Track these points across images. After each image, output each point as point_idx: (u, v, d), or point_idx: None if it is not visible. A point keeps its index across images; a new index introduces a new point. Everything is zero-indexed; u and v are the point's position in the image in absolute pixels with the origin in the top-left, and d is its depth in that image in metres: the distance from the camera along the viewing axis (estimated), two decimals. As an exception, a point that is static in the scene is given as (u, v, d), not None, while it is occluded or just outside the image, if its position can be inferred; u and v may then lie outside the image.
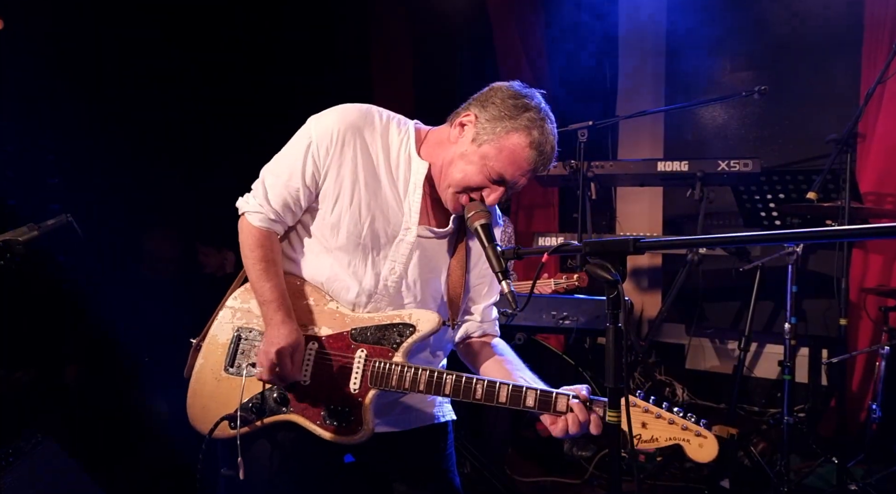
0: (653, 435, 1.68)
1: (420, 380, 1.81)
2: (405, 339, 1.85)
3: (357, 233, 1.86)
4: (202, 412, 1.92)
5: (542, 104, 1.83)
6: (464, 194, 1.84)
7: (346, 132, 1.84)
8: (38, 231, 1.57)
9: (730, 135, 5.15)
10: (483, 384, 1.78)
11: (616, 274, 1.45)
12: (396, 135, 1.91)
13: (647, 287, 5.48)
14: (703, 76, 5.22)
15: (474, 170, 1.80)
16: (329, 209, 1.87)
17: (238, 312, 1.97)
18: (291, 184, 1.86)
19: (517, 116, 1.78)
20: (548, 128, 1.80)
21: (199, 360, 1.97)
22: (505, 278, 1.72)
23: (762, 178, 3.99)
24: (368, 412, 1.82)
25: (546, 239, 4.39)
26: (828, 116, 4.54)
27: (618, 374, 1.48)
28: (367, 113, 1.90)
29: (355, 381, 1.84)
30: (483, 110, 1.81)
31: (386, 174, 1.89)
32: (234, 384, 1.89)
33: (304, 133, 1.87)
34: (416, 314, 1.88)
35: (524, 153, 1.78)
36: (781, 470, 3.38)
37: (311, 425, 1.84)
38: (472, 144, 1.81)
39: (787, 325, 3.55)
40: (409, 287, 1.92)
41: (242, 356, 1.92)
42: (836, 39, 4.59)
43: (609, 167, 4.15)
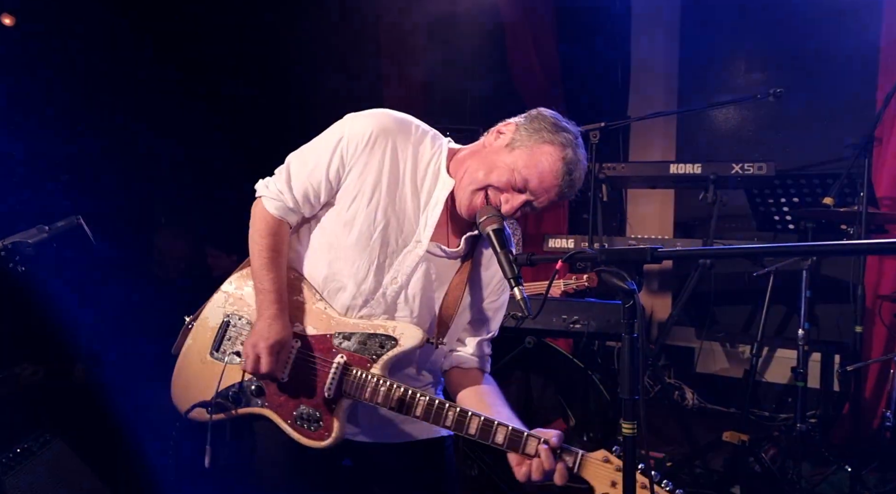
0: None
1: (393, 397, 1.78)
2: (385, 351, 1.82)
3: (368, 234, 1.83)
4: (183, 392, 1.95)
5: (580, 137, 1.85)
6: (481, 193, 1.81)
7: (378, 135, 1.83)
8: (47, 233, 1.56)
9: (744, 137, 5.10)
10: (455, 411, 1.75)
11: (632, 283, 1.43)
12: (429, 148, 1.89)
13: (658, 290, 5.44)
14: (717, 78, 5.18)
15: (501, 171, 1.79)
16: (346, 206, 1.85)
17: (231, 297, 1.97)
18: (315, 175, 1.84)
19: (556, 132, 1.80)
20: (580, 155, 1.81)
21: (188, 340, 1.99)
22: (517, 285, 1.69)
23: (776, 181, 3.94)
24: (338, 421, 1.80)
25: (556, 241, 4.35)
26: (843, 119, 4.49)
27: (633, 384, 1.46)
28: (403, 121, 1.89)
29: (330, 387, 1.81)
30: (524, 122, 1.84)
31: (410, 184, 1.86)
32: (216, 369, 1.90)
33: (338, 128, 1.86)
34: (400, 327, 1.84)
35: (555, 166, 1.77)
36: (793, 477, 3.35)
37: (281, 422, 1.84)
38: (506, 149, 1.81)
39: (801, 330, 3.51)
40: (408, 300, 1.89)
41: (229, 343, 1.93)
42: (853, 42, 4.53)
43: (621, 169, 4.12)
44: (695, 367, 5.13)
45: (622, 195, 5.42)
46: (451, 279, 1.94)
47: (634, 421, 1.44)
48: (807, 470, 3.66)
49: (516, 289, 1.69)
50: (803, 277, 3.60)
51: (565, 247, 4.24)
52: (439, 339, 1.90)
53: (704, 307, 4.82)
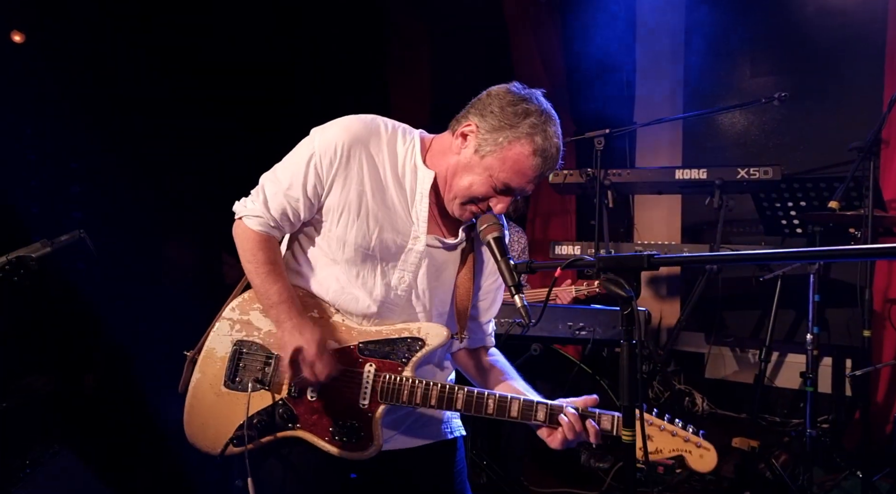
0: (657, 447, 1.75)
1: (431, 395, 1.80)
2: (414, 353, 1.84)
3: (366, 245, 1.84)
4: (201, 430, 1.87)
5: (543, 105, 1.78)
6: (471, 205, 1.82)
7: (350, 145, 1.81)
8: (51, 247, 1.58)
9: (749, 142, 5.08)
10: (495, 398, 1.79)
11: (630, 290, 1.43)
12: (402, 144, 1.88)
13: (666, 295, 5.41)
14: (722, 82, 5.17)
15: (479, 181, 1.78)
16: (335, 222, 1.84)
17: (237, 324, 1.90)
18: (291, 194, 1.82)
19: (517, 123, 1.73)
20: (550, 131, 1.75)
21: (195, 374, 1.90)
22: (518, 293, 1.70)
23: (783, 185, 3.92)
24: (378, 427, 1.81)
25: (563, 247, 4.35)
26: (850, 122, 4.46)
27: (632, 391, 1.46)
28: (371, 123, 1.87)
29: (364, 396, 1.82)
30: (483, 120, 1.77)
31: (393, 184, 1.86)
32: (236, 400, 1.85)
33: (308, 145, 1.84)
34: (424, 327, 1.86)
35: (528, 162, 1.75)
36: (804, 484, 3.32)
37: (319, 441, 1.82)
38: (475, 156, 1.78)
39: (810, 335, 3.49)
40: (419, 297, 1.91)
41: (244, 371, 1.87)
42: (859, 44, 4.52)
43: (626, 175, 4.11)
44: (704, 372, 5.10)
45: (629, 201, 5.41)
46: (459, 272, 1.96)
47: (633, 428, 1.44)
48: (818, 476, 3.63)
49: (517, 297, 1.69)
50: (811, 281, 3.58)
51: (572, 254, 4.25)
52: (462, 333, 1.93)
53: (713, 312, 4.80)
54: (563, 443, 1.78)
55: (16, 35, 4.18)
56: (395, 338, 1.85)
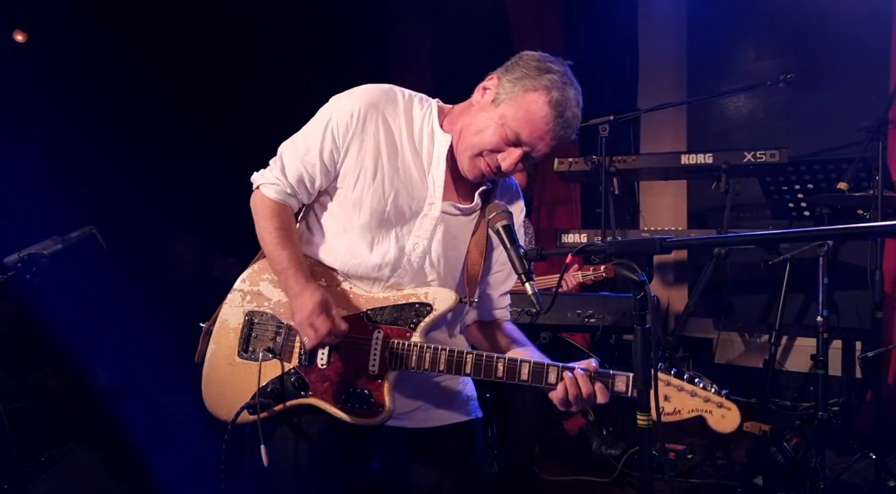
0: (675, 408, 1.72)
1: (440, 360, 1.80)
2: (422, 319, 1.84)
3: (381, 209, 1.85)
4: (218, 399, 1.91)
5: (568, 72, 1.80)
6: (480, 158, 1.83)
7: (367, 110, 1.84)
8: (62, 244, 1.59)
9: (755, 125, 5.05)
10: (504, 361, 1.78)
11: (642, 275, 1.43)
12: (419, 110, 1.90)
13: (674, 281, 5.40)
14: (726, 66, 5.13)
15: (491, 130, 1.78)
16: (351, 187, 1.86)
17: (248, 295, 1.94)
18: (308, 159, 1.86)
19: (538, 76, 1.76)
20: (569, 92, 1.76)
21: (210, 345, 1.94)
22: (528, 280, 1.69)
23: (790, 168, 3.90)
24: (389, 393, 1.81)
25: (569, 236, 4.34)
26: (856, 103, 4.43)
27: (646, 376, 1.46)
28: (389, 91, 1.90)
29: (373, 363, 1.82)
30: (506, 73, 1.81)
31: (409, 149, 1.87)
32: (249, 370, 1.88)
33: (325, 111, 1.87)
34: (432, 292, 1.86)
35: (542, 111, 1.74)
36: (816, 467, 3.30)
37: (330, 408, 1.83)
38: (492, 104, 1.79)
39: (820, 318, 3.46)
40: (433, 264, 1.92)
41: (256, 341, 1.90)
42: (865, 24, 4.47)
43: (632, 162, 4.09)
44: (713, 358, 5.09)
45: (634, 188, 5.39)
46: (472, 236, 1.97)
47: (648, 412, 1.44)
48: (830, 459, 3.62)
49: (527, 285, 1.69)
50: (820, 264, 3.55)
51: (579, 242, 4.23)
52: (470, 297, 1.93)
53: (721, 298, 4.78)
54: (565, 402, 1.75)
55: (18, 34, 4.18)
56: (403, 304, 1.86)
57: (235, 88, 5.00)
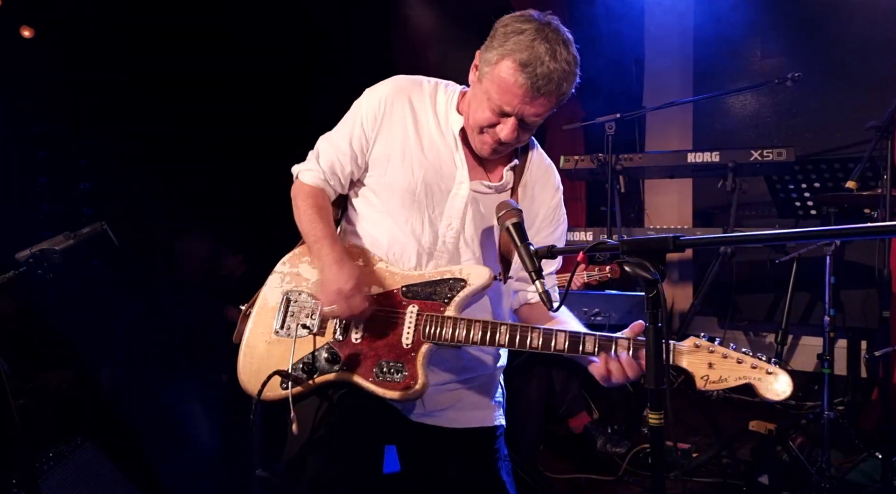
0: (721, 376, 1.68)
1: (474, 332, 1.81)
2: (457, 293, 1.86)
3: (412, 189, 1.90)
4: (255, 376, 1.91)
5: (542, 25, 1.74)
6: (484, 135, 1.86)
7: (394, 96, 1.93)
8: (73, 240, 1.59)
9: (762, 123, 5.04)
10: (539, 332, 1.78)
11: (656, 273, 1.42)
12: (443, 95, 1.98)
13: (679, 280, 5.40)
14: (733, 64, 5.12)
15: (482, 107, 1.82)
16: (383, 171, 1.94)
17: (287, 276, 1.99)
18: (340, 148, 1.96)
19: (504, 42, 1.74)
20: (539, 48, 1.70)
21: (248, 325, 1.98)
22: (539, 278, 1.69)
23: (796, 167, 3.89)
24: (422, 366, 1.82)
25: (574, 234, 4.33)
26: (863, 101, 4.42)
27: (658, 375, 1.45)
28: (415, 78, 2.01)
29: (407, 336, 1.84)
30: (485, 46, 1.82)
31: (437, 132, 1.94)
32: (285, 346, 1.91)
33: (357, 104, 1.98)
34: (466, 268, 1.89)
35: (512, 78, 1.72)
36: (822, 466, 3.30)
37: (364, 382, 1.84)
38: (479, 83, 1.83)
39: (826, 317, 3.46)
40: (467, 243, 1.95)
41: (292, 318, 1.94)
42: (872, 21, 4.46)
43: (638, 160, 4.09)
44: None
45: (640, 186, 5.39)
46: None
47: (661, 411, 1.44)
48: (836, 458, 3.62)
49: (537, 282, 1.69)
50: (827, 263, 3.55)
51: (584, 240, 4.23)
52: (505, 275, 1.93)
53: (727, 296, 4.78)
54: (605, 379, 1.76)
55: (25, 30, 4.18)
56: (438, 280, 1.89)
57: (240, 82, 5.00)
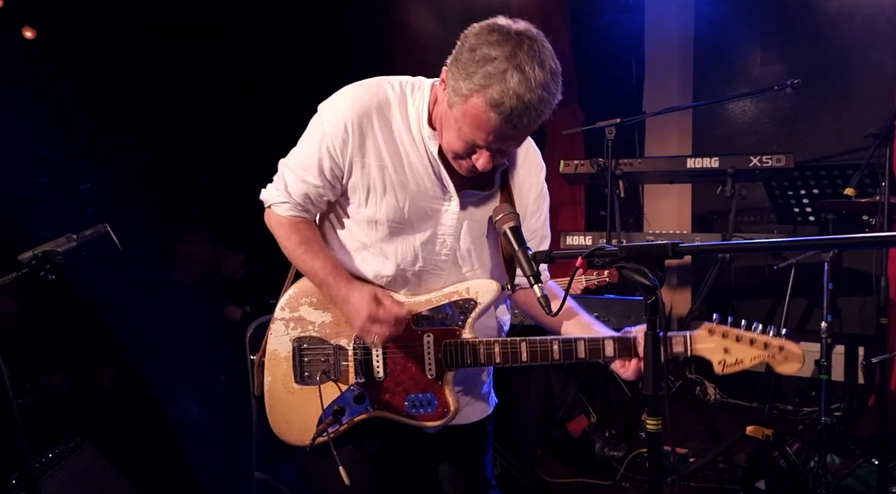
0: (737, 358, 1.73)
1: (495, 353, 1.81)
2: (469, 315, 1.84)
3: (399, 218, 1.79)
4: (287, 428, 1.92)
5: (513, 47, 1.53)
6: (461, 160, 1.70)
7: (361, 119, 1.72)
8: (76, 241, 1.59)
9: (761, 130, 5.06)
10: (559, 343, 1.79)
11: (654, 279, 1.43)
12: (412, 104, 1.76)
13: (677, 285, 5.41)
14: (732, 70, 5.14)
15: (454, 136, 1.65)
16: (363, 202, 1.79)
17: (290, 322, 1.92)
18: (309, 179, 1.79)
19: (473, 74, 1.53)
20: (511, 81, 1.50)
21: (266, 377, 1.94)
22: (537, 282, 1.68)
23: (795, 173, 3.91)
24: (451, 394, 1.83)
25: (573, 238, 4.34)
26: (862, 108, 4.44)
27: (657, 381, 1.46)
28: (380, 90, 1.75)
29: (430, 367, 1.83)
30: (452, 67, 1.60)
31: (412, 149, 1.77)
32: (309, 394, 1.88)
33: (317, 126, 1.76)
34: (473, 286, 1.85)
35: (484, 116, 1.55)
36: (819, 472, 3.31)
37: (396, 417, 1.85)
38: (448, 108, 1.64)
39: (824, 323, 3.47)
40: (464, 257, 1.88)
41: (310, 366, 1.90)
42: (871, 29, 4.48)
43: (638, 165, 4.10)
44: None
45: (639, 191, 5.40)
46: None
47: (659, 417, 1.45)
48: (832, 464, 3.63)
49: (536, 287, 1.67)
50: (825, 269, 3.56)
51: (583, 244, 4.24)
52: (512, 283, 1.91)
53: (725, 302, 4.79)
54: (638, 375, 1.77)
55: (27, 31, 4.19)
56: (446, 303, 1.85)
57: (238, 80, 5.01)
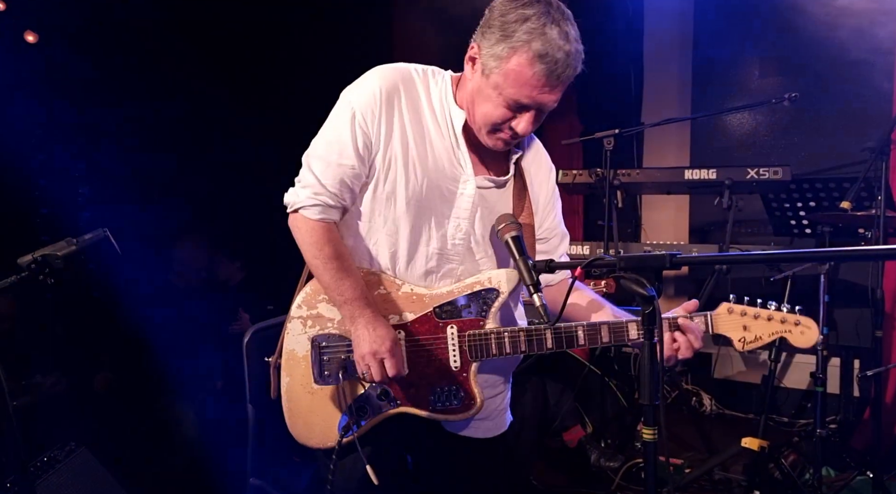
0: (756, 335, 1.79)
1: (520, 341, 1.83)
2: (492, 304, 1.84)
3: (417, 196, 1.80)
4: (307, 429, 1.87)
5: (546, 5, 1.66)
6: (498, 132, 1.77)
7: (389, 92, 1.77)
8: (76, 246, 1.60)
9: (758, 142, 5.09)
10: (584, 328, 1.81)
11: (652, 290, 1.45)
12: (435, 86, 1.84)
13: (674, 295, 5.42)
14: (731, 82, 5.17)
15: (492, 105, 1.72)
16: (383, 179, 1.79)
17: (308, 320, 1.87)
18: (344, 161, 1.77)
19: (513, 33, 1.64)
20: (551, 33, 1.63)
21: (283, 378, 1.88)
22: (537, 291, 1.70)
23: (792, 186, 3.92)
24: (476, 384, 1.83)
25: (571, 247, 4.34)
26: (859, 122, 4.47)
27: (654, 390, 1.47)
28: (404, 70, 1.83)
29: (455, 359, 1.83)
30: (483, 38, 1.70)
31: (434, 129, 1.82)
32: (330, 393, 1.85)
33: (345, 106, 1.78)
34: (495, 275, 1.85)
35: (531, 71, 1.64)
36: (814, 484, 3.31)
37: (424, 413, 1.84)
38: (483, 78, 1.71)
39: (820, 336, 3.48)
40: (479, 243, 1.88)
41: (330, 364, 1.84)
42: (868, 44, 4.51)
43: (635, 175, 4.11)
44: (712, 373, 5.10)
45: (637, 201, 5.41)
46: (514, 208, 1.92)
47: (655, 427, 1.45)
48: (827, 476, 3.63)
49: (535, 296, 1.69)
50: (821, 281, 3.58)
51: (581, 254, 4.25)
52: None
53: (721, 313, 4.79)
54: (674, 359, 1.81)
55: (29, 35, 4.20)
56: (469, 294, 1.85)
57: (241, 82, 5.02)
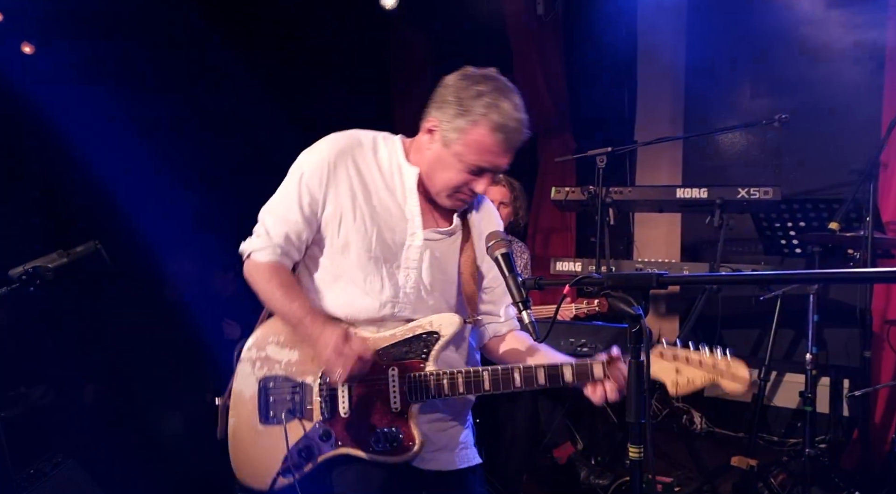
0: (688, 378, 1.78)
1: (458, 383, 1.85)
2: (432, 347, 1.88)
3: (367, 247, 1.91)
4: (251, 469, 1.92)
5: (494, 83, 1.85)
6: (458, 194, 1.93)
7: (336, 157, 1.92)
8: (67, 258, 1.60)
9: (750, 162, 5.13)
10: (520, 370, 1.84)
11: (638, 308, 1.45)
12: (384, 148, 2.00)
13: (665, 313, 5.43)
14: (723, 103, 5.22)
15: (454, 172, 1.88)
16: (335, 233, 1.93)
17: (257, 362, 1.95)
18: (290, 217, 1.92)
19: (471, 108, 1.82)
20: (505, 106, 1.82)
21: (230, 419, 1.95)
22: (525, 309, 1.72)
23: (783, 206, 3.95)
24: (415, 427, 1.85)
25: (563, 264, 4.35)
26: (849, 144, 4.51)
27: (640, 408, 1.47)
28: (353, 136, 2.00)
29: (395, 400, 1.85)
30: (441, 112, 1.87)
31: (382, 186, 1.96)
32: (275, 434, 1.89)
33: (296, 167, 1.95)
34: (436, 319, 1.91)
35: (491, 140, 1.83)
36: (803, 504, 3.31)
37: (362, 453, 1.85)
38: (444, 149, 1.88)
39: (809, 355, 3.50)
40: (428, 291, 1.97)
41: (276, 405, 1.91)
42: (859, 66, 4.57)
43: (628, 193, 4.13)
44: (702, 391, 5.10)
45: (630, 219, 5.44)
46: (460, 258, 2.03)
47: (641, 445, 1.46)
48: (817, 496, 3.63)
49: (524, 313, 1.71)
50: (811, 301, 3.60)
51: (572, 270, 4.25)
52: (473, 316, 1.99)
53: (712, 331, 4.80)
54: (604, 400, 1.81)
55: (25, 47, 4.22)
56: (410, 337, 1.90)
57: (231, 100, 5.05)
